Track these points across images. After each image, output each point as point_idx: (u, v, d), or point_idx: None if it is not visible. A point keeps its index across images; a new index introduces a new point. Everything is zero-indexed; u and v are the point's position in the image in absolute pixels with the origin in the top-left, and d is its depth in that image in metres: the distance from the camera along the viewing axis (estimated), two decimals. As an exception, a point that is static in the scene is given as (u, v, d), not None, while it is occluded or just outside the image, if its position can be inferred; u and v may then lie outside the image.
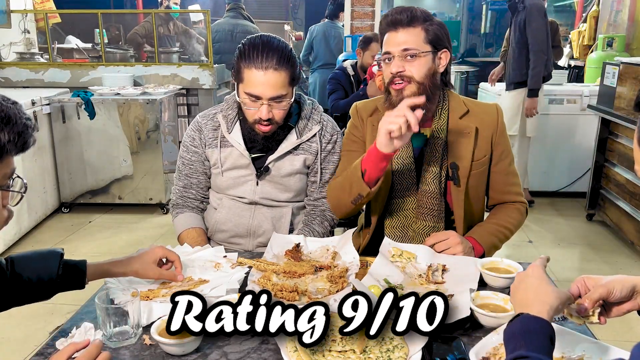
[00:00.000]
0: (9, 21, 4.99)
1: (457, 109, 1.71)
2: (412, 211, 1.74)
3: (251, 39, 1.64)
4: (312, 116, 1.81)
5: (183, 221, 1.83)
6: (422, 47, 1.59)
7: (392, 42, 1.61)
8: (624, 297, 1.05)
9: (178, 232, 1.82)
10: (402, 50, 1.58)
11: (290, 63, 1.62)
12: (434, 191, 1.69)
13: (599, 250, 3.75)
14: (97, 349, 0.98)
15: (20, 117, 0.96)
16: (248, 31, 5.60)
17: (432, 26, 1.60)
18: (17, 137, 0.95)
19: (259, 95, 1.61)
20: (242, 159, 1.78)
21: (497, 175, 1.75)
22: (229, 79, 5.23)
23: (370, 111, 1.78)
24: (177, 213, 1.86)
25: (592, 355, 1.09)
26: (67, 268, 1.27)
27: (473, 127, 1.69)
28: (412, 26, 1.59)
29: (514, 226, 1.74)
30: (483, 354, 1.08)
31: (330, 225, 1.86)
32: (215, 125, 1.81)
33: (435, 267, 1.47)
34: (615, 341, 1.20)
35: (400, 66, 1.59)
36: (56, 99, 4.08)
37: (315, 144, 1.80)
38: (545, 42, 4.06)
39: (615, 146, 3.86)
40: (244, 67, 1.61)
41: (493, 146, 1.72)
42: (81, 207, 4.34)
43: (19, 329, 2.68)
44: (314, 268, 1.48)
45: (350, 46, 5.47)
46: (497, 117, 1.73)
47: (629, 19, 5.25)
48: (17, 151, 0.97)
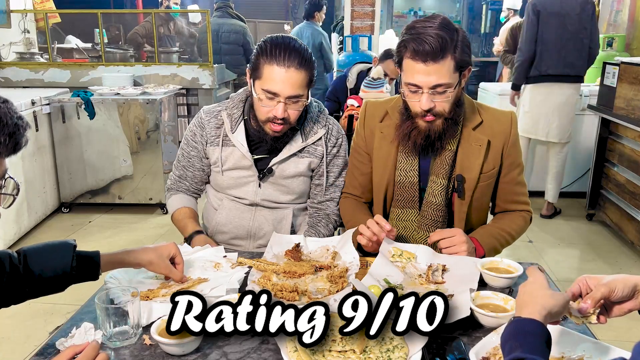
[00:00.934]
0: (9, 21, 4.99)
1: (471, 120, 1.66)
2: (414, 222, 1.73)
3: (273, 38, 1.64)
4: (318, 119, 1.81)
5: (176, 201, 1.89)
6: (452, 79, 1.51)
7: (420, 75, 1.50)
8: (625, 297, 1.05)
9: (172, 211, 1.89)
10: (433, 86, 1.50)
11: (311, 65, 1.63)
12: (440, 203, 1.67)
13: (599, 250, 3.75)
14: (95, 350, 0.98)
15: (11, 117, 0.93)
16: (234, 30, 5.60)
17: (458, 49, 1.49)
18: (8, 138, 0.92)
19: (278, 92, 1.60)
20: (244, 160, 1.77)
21: (506, 185, 1.73)
22: (229, 78, 5.23)
23: (381, 116, 1.74)
24: (171, 195, 1.92)
25: (592, 355, 1.08)
26: (80, 260, 1.27)
27: (485, 140, 1.64)
28: (442, 58, 1.48)
29: (516, 232, 1.72)
30: (483, 354, 1.08)
31: (334, 227, 1.87)
32: (219, 123, 1.79)
33: (435, 267, 1.47)
34: (615, 341, 1.20)
35: (430, 102, 1.52)
36: (56, 99, 4.08)
37: (321, 148, 1.80)
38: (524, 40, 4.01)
39: (615, 146, 3.86)
40: (264, 64, 1.60)
41: (503, 158, 1.68)
42: (81, 207, 4.34)
43: (19, 329, 2.68)
44: (314, 268, 1.48)
45: (350, 46, 5.47)
46: (510, 127, 1.67)
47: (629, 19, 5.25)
48: (9, 153, 0.94)
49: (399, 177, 1.70)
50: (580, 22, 3.93)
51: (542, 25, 3.95)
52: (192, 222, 1.82)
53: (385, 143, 1.71)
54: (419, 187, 1.70)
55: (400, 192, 1.71)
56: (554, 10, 3.93)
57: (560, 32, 3.92)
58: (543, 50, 3.96)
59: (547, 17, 3.93)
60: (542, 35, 3.95)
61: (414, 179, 1.68)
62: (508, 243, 1.71)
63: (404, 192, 1.70)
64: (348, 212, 1.80)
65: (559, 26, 3.92)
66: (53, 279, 1.24)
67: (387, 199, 1.75)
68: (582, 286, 1.08)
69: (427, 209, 1.69)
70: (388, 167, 1.71)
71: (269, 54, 1.59)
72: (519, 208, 1.75)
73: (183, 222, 1.82)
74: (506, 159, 1.69)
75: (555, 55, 3.94)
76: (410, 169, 1.68)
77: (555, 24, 3.93)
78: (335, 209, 1.86)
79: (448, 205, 1.69)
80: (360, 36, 5.45)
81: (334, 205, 1.86)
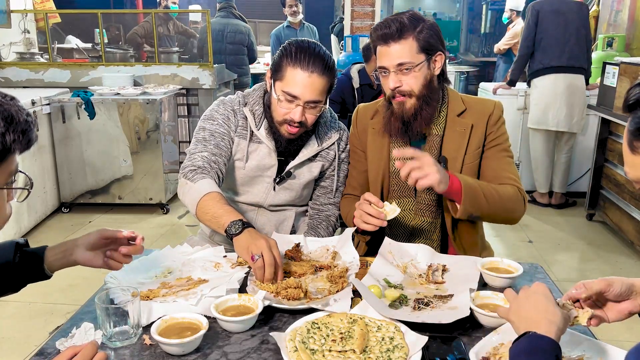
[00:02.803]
0: (9, 21, 4.99)
1: (455, 108, 1.72)
2: (411, 210, 1.75)
3: (298, 42, 1.64)
4: (331, 124, 1.82)
5: (207, 184, 1.57)
6: (416, 58, 1.59)
7: (385, 56, 1.61)
8: (622, 294, 1.05)
9: (202, 193, 1.54)
10: (397, 65, 1.59)
11: (333, 72, 1.64)
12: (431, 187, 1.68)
13: (599, 250, 3.75)
14: (93, 349, 0.98)
15: (21, 114, 0.94)
16: (239, 30, 5.60)
17: (422, 33, 1.59)
18: (21, 135, 0.93)
19: (298, 95, 1.60)
20: (267, 158, 1.75)
21: (491, 161, 1.71)
22: (229, 78, 5.23)
23: (372, 114, 1.80)
24: (203, 176, 1.59)
25: (592, 355, 1.09)
26: (24, 255, 1.22)
27: (469, 124, 1.70)
28: (403, 38, 1.58)
29: (503, 192, 1.62)
30: (483, 354, 1.08)
31: (333, 230, 1.88)
32: (244, 115, 1.75)
33: (435, 267, 1.47)
34: (615, 341, 1.20)
35: (397, 81, 1.60)
36: (56, 99, 4.08)
37: (333, 152, 1.81)
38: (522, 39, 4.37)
39: (615, 146, 3.86)
40: (288, 66, 1.60)
41: (487, 135, 1.71)
42: (81, 207, 4.34)
43: (19, 329, 2.68)
44: (314, 268, 1.48)
45: (350, 46, 5.47)
46: (492, 109, 1.72)
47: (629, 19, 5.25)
48: (23, 149, 0.95)
49: (394, 167, 1.72)
50: (580, 19, 4.25)
51: (544, 22, 4.23)
52: (236, 212, 1.51)
53: (377, 137, 1.75)
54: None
55: (396, 182, 1.74)
56: (553, 8, 4.23)
57: (562, 27, 4.21)
58: (546, 45, 4.23)
59: (547, 14, 4.22)
60: (544, 31, 4.23)
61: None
62: (492, 196, 1.59)
63: (399, 181, 1.72)
64: (349, 211, 1.80)
65: (561, 22, 4.21)
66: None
67: (384, 191, 1.77)
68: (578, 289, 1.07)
69: (422, 194, 1.72)
70: (382, 160, 1.75)
71: (294, 57, 1.59)
72: (508, 182, 1.68)
73: (224, 208, 1.49)
74: (489, 136, 1.71)
75: (558, 48, 4.20)
76: (404, 158, 1.69)
77: (557, 20, 4.21)
78: (336, 213, 1.87)
79: None
80: (360, 36, 5.45)
81: (335, 210, 1.87)
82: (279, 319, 1.27)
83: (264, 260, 1.34)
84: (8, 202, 1.01)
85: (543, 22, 4.22)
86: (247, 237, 1.40)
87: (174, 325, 1.17)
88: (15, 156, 0.97)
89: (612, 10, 5.57)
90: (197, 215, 1.55)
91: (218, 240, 1.86)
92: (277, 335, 1.13)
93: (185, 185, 1.60)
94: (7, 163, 0.94)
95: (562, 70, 4.23)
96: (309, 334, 1.14)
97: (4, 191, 0.95)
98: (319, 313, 1.24)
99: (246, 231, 1.41)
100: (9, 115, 0.91)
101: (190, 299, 1.30)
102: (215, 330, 1.21)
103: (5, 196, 0.97)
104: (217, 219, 1.48)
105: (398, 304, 1.30)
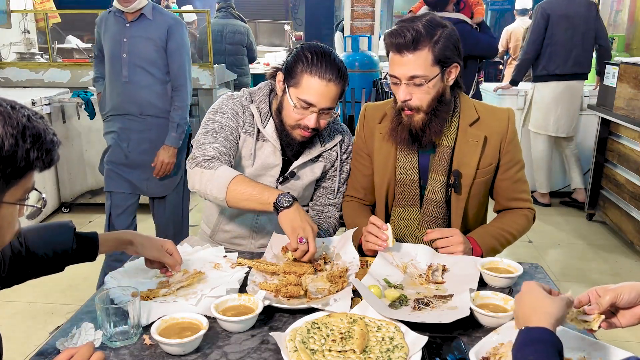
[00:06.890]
0: (9, 21, 4.99)
1: (467, 116, 1.66)
2: (415, 220, 1.74)
3: (314, 47, 1.61)
4: (334, 125, 1.81)
5: (230, 170, 1.56)
6: (430, 72, 1.53)
7: (398, 66, 1.54)
8: (632, 301, 1.04)
9: (229, 177, 1.52)
10: (409, 77, 1.53)
11: (346, 78, 1.61)
12: (440, 200, 1.68)
13: (598, 250, 3.75)
14: (89, 350, 0.98)
15: (48, 133, 0.95)
16: (238, 31, 5.60)
17: (439, 43, 1.51)
18: (45, 153, 0.93)
19: (314, 103, 1.58)
20: (272, 157, 1.74)
21: (505, 182, 1.72)
22: (229, 79, 5.23)
23: (380, 117, 1.75)
24: (220, 164, 1.58)
25: (592, 355, 1.09)
26: (80, 240, 1.31)
27: (482, 136, 1.65)
28: (418, 49, 1.50)
29: (517, 232, 1.71)
30: (483, 354, 1.08)
31: (334, 231, 1.87)
32: (251, 112, 1.73)
33: (435, 267, 1.47)
34: (615, 341, 1.20)
35: (407, 93, 1.55)
36: (56, 99, 4.08)
37: (336, 153, 1.81)
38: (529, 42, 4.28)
39: (615, 146, 3.86)
40: (304, 73, 1.57)
41: (501, 154, 1.68)
42: (81, 207, 4.34)
43: (19, 329, 2.68)
44: (314, 268, 1.48)
45: (350, 46, 5.47)
46: (507, 123, 1.68)
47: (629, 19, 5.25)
48: (43, 168, 0.96)
49: (400, 175, 1.70)
50: (587, 22, 4.15)
51: (553, 28, 4.16)
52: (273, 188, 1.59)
53: (384, 143, 1.71)
54: (419, 184, 1.70)
55: (402, 191, 1.72)
56: (562, 12, 4.14)
57: (570, 34, 4.15)
58: (552, 52, 4.19)
59: (557, 19, 4.14)
60: (551, 37, 4.17)
61: (414, 176, 1.69)
62: (509, 242, 1.70)
63: (405, 190, 1.71)
64: (350, 215, 1.80)
65: (569, 28, 4.14)
66: (53, 259, 1.28)
67: (389, 199, 1.75)
68: (591, 296, 1.07)
69: (428, 206, 1.69)
70: (388, 167, 1.72)
71: (311, 64, 1.56)
72: (520, 205, 1.74)
73: (260, 186, 1.53)
74: (504, 155, 1.69)
75: (564, 55, 4.17)
76: (410, 167, 1.69)
77: (565, 25, 4.14)
78: (337, 214, 1.87)
79: (447, 202, 1.69)
80: (360, 36, 5.45)
81: (335, 211, 1.87)
82: (279, 319, 1.27)
83: (309, 247, 1.44)
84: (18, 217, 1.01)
85: (552, 28, 4.15)
86: (295, 216, 1.45)
87: (174, 325, 1.18)
88: (34, 173, 0.97)
89: (612, 10, 5.57)
90: (228, 199, 1.52)
91: (218, 240, 1.86)
92: (277, 335, 1.13)
93: (203, 174, 1.57)
94: (26, 179, 0.94)
95: (565, 78, 4.23)
96: (309, 334, 1.14)
97: (16, 207, 0.96)
98: (319, 313, 1.24)
99: (295, 206, 1.46)
100: (37, 133, 0.92)
101: (190, 299, 1.30)
102: (215, 330, 1.21)
103: (17, 212, 0.97)
104: (257, 196, 1.50)
105: (398, 304, 1.30)
